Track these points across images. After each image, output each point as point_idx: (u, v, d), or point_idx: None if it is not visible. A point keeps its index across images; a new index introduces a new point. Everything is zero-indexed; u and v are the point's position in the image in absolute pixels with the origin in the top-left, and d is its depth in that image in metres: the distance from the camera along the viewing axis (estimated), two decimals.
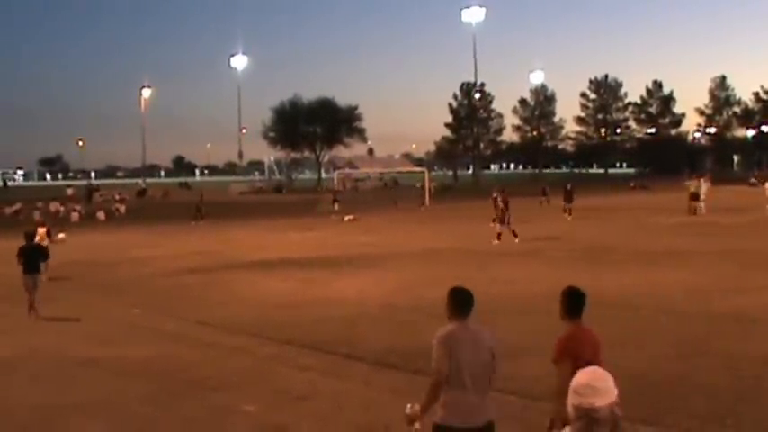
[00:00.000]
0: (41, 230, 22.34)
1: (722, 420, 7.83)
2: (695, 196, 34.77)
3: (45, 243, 21.72)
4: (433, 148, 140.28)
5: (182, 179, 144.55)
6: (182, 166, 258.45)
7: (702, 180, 36.81)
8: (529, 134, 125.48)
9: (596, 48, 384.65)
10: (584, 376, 3.05)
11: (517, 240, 24.78)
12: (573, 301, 5.72)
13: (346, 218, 39.13)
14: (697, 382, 9.16)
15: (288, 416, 8.56)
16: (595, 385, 2.99)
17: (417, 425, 5.23)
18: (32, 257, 15.56)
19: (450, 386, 5.14)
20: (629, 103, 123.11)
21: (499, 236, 25.21)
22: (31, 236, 16.65)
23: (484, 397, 5.28)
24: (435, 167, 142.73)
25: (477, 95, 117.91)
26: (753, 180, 68.87)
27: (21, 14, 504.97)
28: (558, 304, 5.75)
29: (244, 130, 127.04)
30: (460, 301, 5.46)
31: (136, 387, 9.85)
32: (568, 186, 37.31)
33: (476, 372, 5.20)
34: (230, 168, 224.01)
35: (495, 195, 27.62)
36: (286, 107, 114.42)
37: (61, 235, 23.83)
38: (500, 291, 15.62)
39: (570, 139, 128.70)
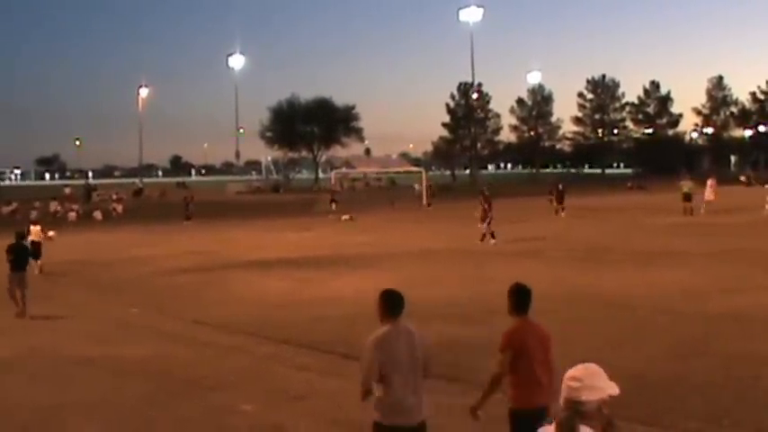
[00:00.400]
0: (35, 228, 22.37)
1: (720, 421, 7.82)
2: (688, 196, 34.69)
3: (39, 239, 21.74)
4: (430, 147, 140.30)
5: (179, 179, 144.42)
6: (179, 165, 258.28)
7: (709, 181, 36.53)
8: (526, 134, 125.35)
9: (594, 48, 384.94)
10: (575, 371, 3.10)
11: (481, 242, 24.80)
12: (519, 297, 5.92)
13: (343, 217, 39.12)
14: (695, 383, 9.15)
15: (285, 415, 8.55)
16: (585, 380, 3.04)
17: None
18: (21, 256, 15.58)
19: (386, 387, 5.25)
20: (627, 103, 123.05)
21: (493, 234, 25.14)
22: (21, 235, 16.62)
23: (419, 397, 5.38)
24: (433, 167, 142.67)
25: (475, 95, 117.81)
26: (743, 178, 68.96)
27: (18, 14, 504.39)
28: (507, 301, 5.94)
29: (241, 130, 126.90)
30: (392, 303, 5.51)
31: (133, 386, 9.84)
32: (560, 186, 37.67)
33: (410, 372, 5.32)
34: (227, 168, 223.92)
35: (487, 194, 27.68)
36: (283, 107, 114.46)
37: (51, 233, 23.93)
38: (497, 290, 15.57)
39: (567, 139, 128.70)
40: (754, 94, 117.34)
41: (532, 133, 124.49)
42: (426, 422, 5.46)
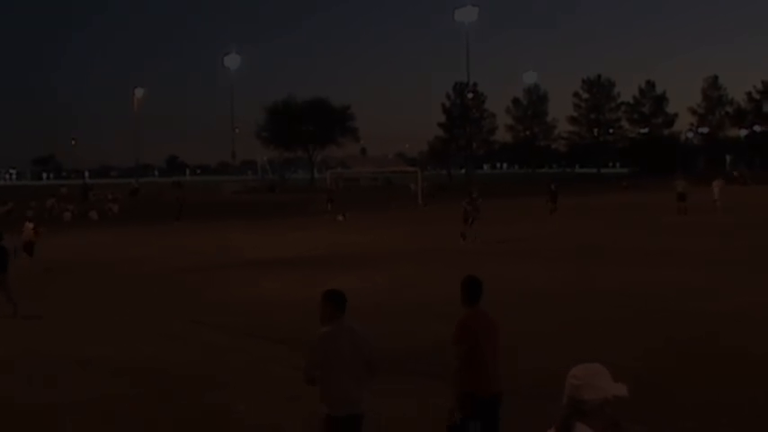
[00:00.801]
0: (28, 225, 22.33)
1: (718, 420, 7.84)
2: (682, 196, 34.78)
3: (30, 239, 21.67)
4: (426, 147, 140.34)
5: (175, 179, 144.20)
6: (175, 165, 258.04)
7: (715, 182, 36.64)
8: (521, 134, 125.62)
9: (589, 48, 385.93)
10: (577, 369, 3.08)
11: (463, 242, 24.98)
12: (471, 289, 6.27)
13: (339, 217, 39.12)
14: (693, 382, 9.17)
15: (282, 415, 8.54)
16: (585, 379, 3.02)
17: None
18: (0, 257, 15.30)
19: (331, 381, 5.53)
20: (622, 103, 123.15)
21: (464, 236, 25.48)
22: None
23: (362, 390, 5.66)
24: (429, 167, 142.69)
25: (470, 95, 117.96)
26: (735, 173, 69.16)
27: (15, 14, 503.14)
28: (459, 293, 6.26)
29: (237, 130, 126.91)
30: (334, 303, 5.77)
31: (129, 386, 9.82)
32: (553, 186, 37.65)
33: (354, 368, 5.58)
34: (223, 168, 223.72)
35: (474, 196, 27.98)
36: (279, 107, 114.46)
37: (41, 230, 24.04)
38: (493, 289, 15.60)
39: (563, 138, 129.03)
40: (749, 93, 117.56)
41: (528, 133, 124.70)
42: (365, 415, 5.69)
